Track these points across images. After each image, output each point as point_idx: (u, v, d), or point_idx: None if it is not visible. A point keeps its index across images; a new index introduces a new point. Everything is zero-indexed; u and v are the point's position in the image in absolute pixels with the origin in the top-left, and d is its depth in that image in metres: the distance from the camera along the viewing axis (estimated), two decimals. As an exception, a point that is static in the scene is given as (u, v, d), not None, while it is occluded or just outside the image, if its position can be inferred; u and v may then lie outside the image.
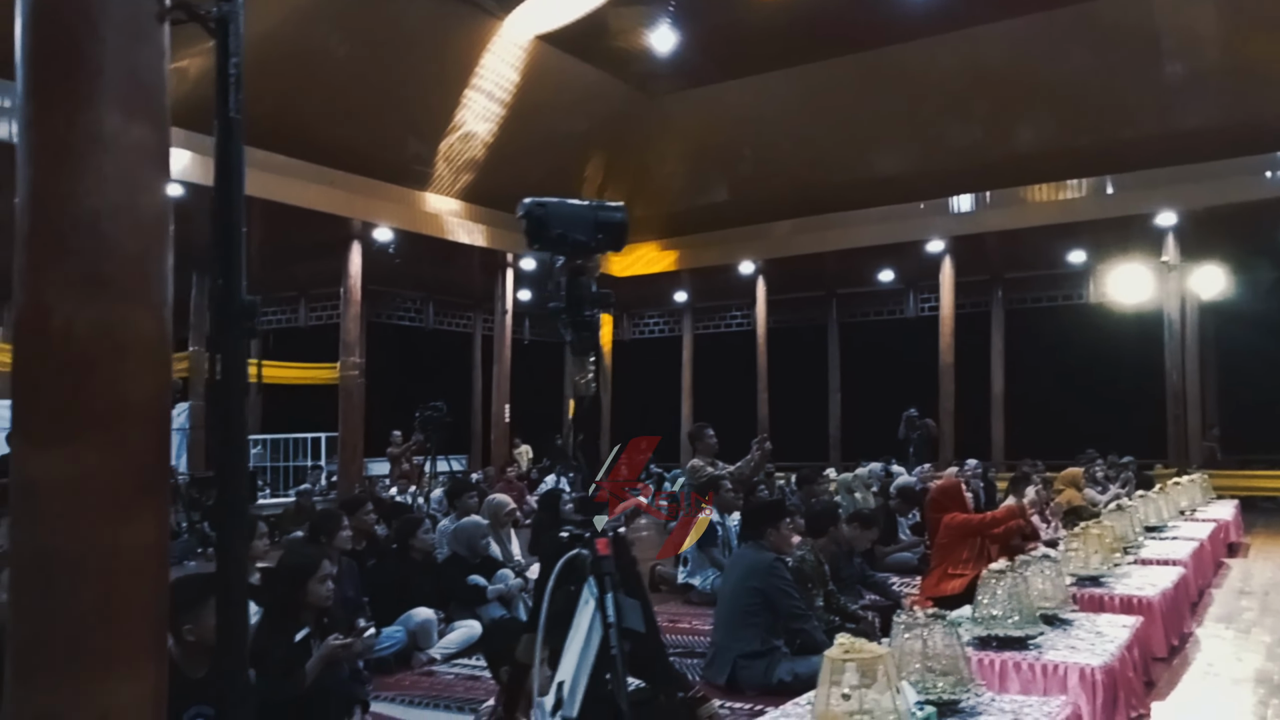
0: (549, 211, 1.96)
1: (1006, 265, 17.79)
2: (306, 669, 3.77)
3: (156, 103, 1.61)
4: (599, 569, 1.83)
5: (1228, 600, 7.07)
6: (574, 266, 2.00)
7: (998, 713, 3.26)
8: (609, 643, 1.79)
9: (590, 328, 1.97)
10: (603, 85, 15.43)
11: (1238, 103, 13.23)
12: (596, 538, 1.88)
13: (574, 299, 1.98)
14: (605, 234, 2.01)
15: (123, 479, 1.50)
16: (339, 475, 14.70)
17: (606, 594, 1.80)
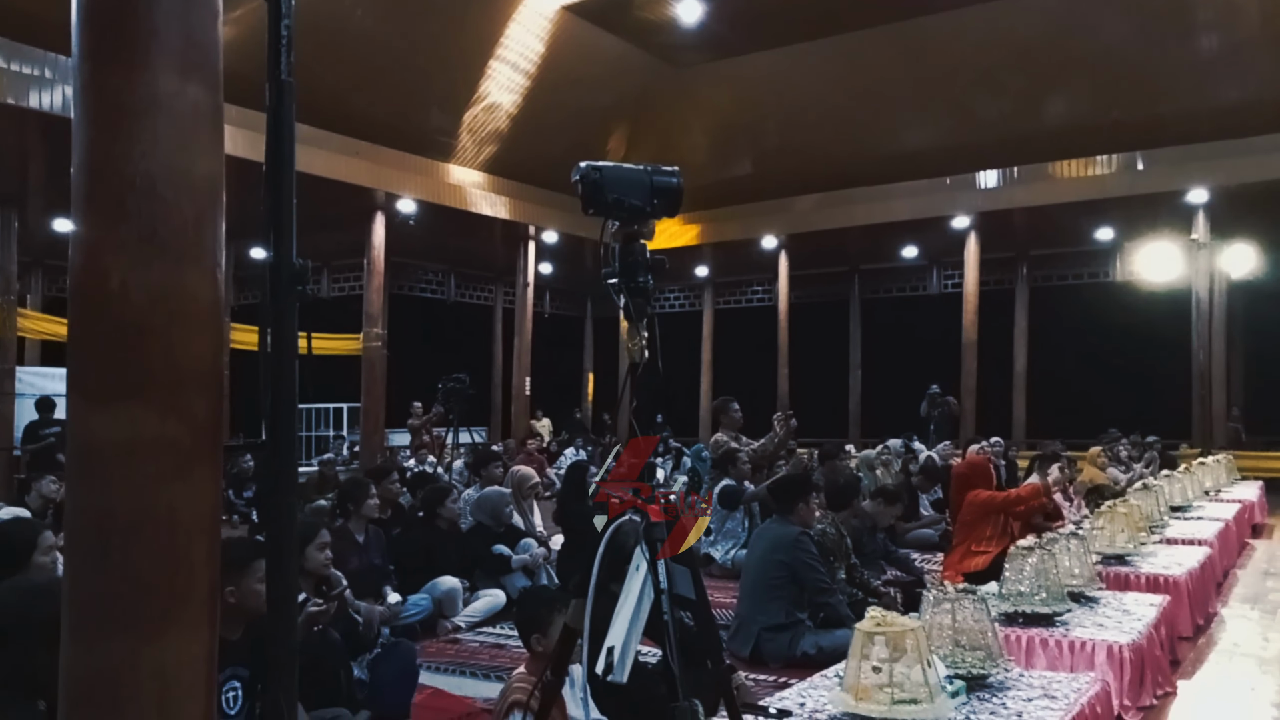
0: (605, 176, 1.95)
1: (1032, 242, 17.60)
2: None
3: (210, 64, 1.61)
4: (651, 535, 1.84)
5: (1253, 581, 7.04)
6: (629, 232, 1.99)
7: (1026, 688, 3.26)
8: (660, 609, 1.80)
9: (644, 294, 1.96)
10: (628, 57, 15.31)
11: (1274, 77, 12.98)
12: (649, 504, 1.88)
13: (628, 265, 1.96)
14: (661, 199, 1.99)
15: (179, 440, 1.51)
16: (361, 445, 14.82)
17: (658, 560, 1.80)
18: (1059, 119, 14.71)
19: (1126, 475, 10.50)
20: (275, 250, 1.65)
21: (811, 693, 3.24)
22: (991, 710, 3.05)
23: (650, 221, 1.96)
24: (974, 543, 6.47)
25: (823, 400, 19.19)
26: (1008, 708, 3.07)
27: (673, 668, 1.82)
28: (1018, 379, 17.48)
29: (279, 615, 1.64)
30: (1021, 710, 3.04)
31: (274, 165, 1.66)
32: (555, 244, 17.35)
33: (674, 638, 1.81)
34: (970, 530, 6.54)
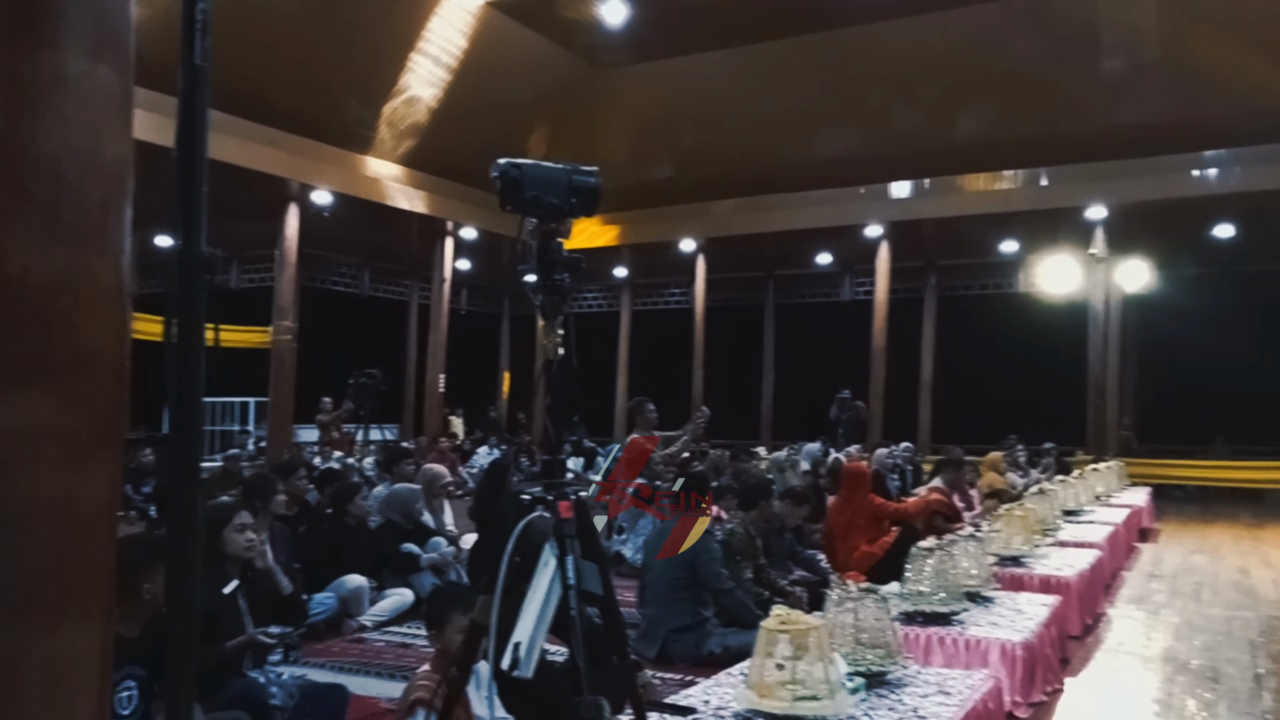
0: (524, 173, 1.96)
1: (941, 252, 18.14)
2: (228, 646, 3.73)
3: (121, 46, 1.57)
4: (560, 531, 1.86)
5: (1139, 583, 7.39)
6: (546, 230, 2.00)
7: (923, 684, 3.37)
8: (568, 605, 1.82)
9: (561, 292, 1.98)
10: (551, 55, 15.27)
11: (1172, 101, 13.63)
12: (559, 500, 1.90)
13: (545, 263, 1.98)
14: (579, 198, 2.01)
15: (79, 430, 1.47)
16: (268, 441, 14.45)
17: (567, 556, 1.82)
18: (969, 133, 15.20)
19: (1024, 480, 10.91)
20: (184, 238, 1.61)
21: (716, 690, 3.29)
22: (890, 706, 3.14)
23: (568, 220, 1.98)
24: (865, 542, 6.67)
25: (736, 403, 19.44)
26: (905, 704, 3.17)
27: (579, 663, 1.84)
28: (924, 385, 17.99)
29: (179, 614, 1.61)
30: (918, 706, 3.14)
31: (185, 151, 1.62)
32: (474, 240, 17.20)
33: (581, 634, 1.83)
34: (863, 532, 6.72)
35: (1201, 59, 12.94)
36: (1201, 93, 13.25)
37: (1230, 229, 15.27)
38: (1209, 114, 13.39)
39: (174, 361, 1.61)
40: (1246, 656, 5.16)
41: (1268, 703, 4.37)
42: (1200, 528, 11.09)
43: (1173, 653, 5.24)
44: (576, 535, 1.87)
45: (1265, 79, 12.68)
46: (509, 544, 1.89)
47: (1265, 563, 8.46)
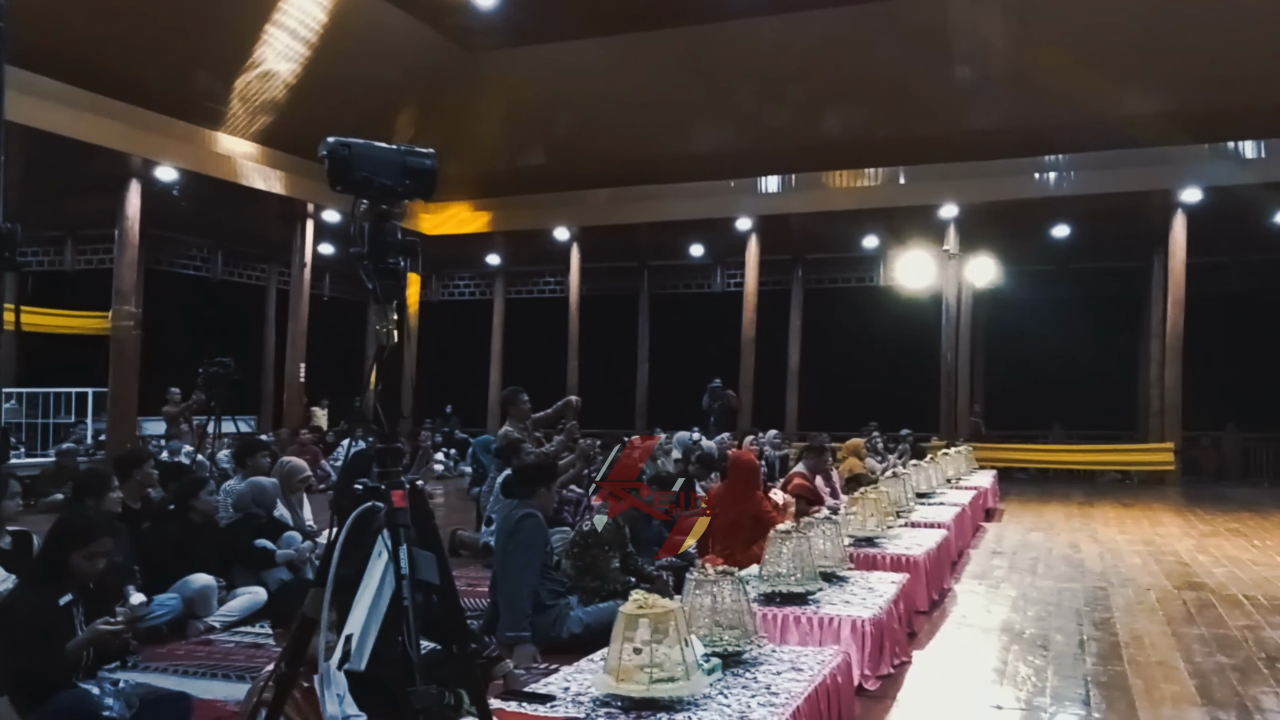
0: (354, 153, 1.88)
1: (807, 246, 18.66)
2: (69, 646, 3.48)
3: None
4: (393, 521, 1.79)
5: (982, 559, 7.79)
6: (379, 212, 1.93)
7: (777, 662, 3.45)
8: (401, 595, 1.76)
9: (394, 276, 1.91)
10: (418, 35, 14.89)
11: (1017, 108, 14.42)
12: (392, 490, 1.83)
13: (378, 246, 1.91)
14: (414, 180, 1.94)
15: None
16: (109, 433, 13.63)
17: (400, 546, 1.76)
18: (834, 132, 15.68)
19: (881, 465, 11.34)
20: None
21: (577, 676, 3.28)
22: (744, 684, 3.20)
23: (402, 202, 1.91)
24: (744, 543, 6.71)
25: (611, 391, 19.51)
26: (759, 681, 3.23)
27: (410, 653, 1.78)
28: (791, 374, 18.49)
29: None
30: (771, 683, 3.21)
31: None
32: (337, 224, 16.64)
33: (413, 624, 1.77)
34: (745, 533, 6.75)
35: (1043, 71, 13.72)
36: (1042, 101, 14.07)
37: (1066, 229, 16.27)
38: (1049, 121, 14.24)
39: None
40: (1073, 624, 5.51)
41: (1089, 666, 4.67)
42: (1039, 507, 11.78)
43: (1009, 623, 5.54)
44: (411, 524, 1.81)
45: (1099, 91, 13.56)
46: (340, 535, 1.82)
47: (1094, 538, 9.06)
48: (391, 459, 1.89)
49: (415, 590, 1.78)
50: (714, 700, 3.02)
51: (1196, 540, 9.03)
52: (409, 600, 1.76)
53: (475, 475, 11.22)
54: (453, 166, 17.74)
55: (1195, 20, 12.73)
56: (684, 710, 2.91)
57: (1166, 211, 15.03)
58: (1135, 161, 14.40)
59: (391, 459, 1.89)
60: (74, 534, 3.69)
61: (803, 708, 3.07)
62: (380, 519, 1.83)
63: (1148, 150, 14.11)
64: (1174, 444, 14.94)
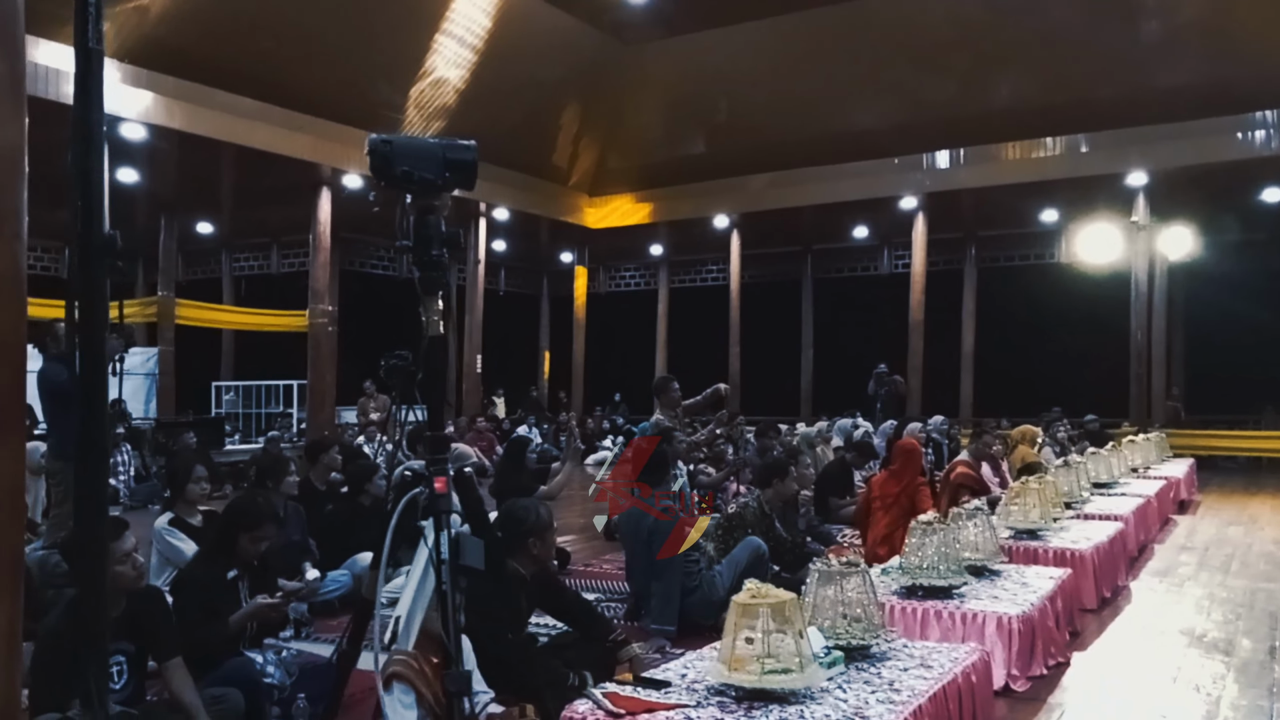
0: (395, 148, 1.95)
1: (979, 223, 17.80)
2: (231, 620, 3.81)
3: (10, 33, 1.60)
4: (435, 507, 1.86)
5: (1168, 555, 7.22)
6: (422, 205, 2.00)
7: (906, 658, 3.34)
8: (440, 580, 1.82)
9: (438, 267, 1.97)
10: (577, 32, 15.21)
11: (1212, 62, 13.17)
12: (436, 477, 1.90)
13: (422, 238, 1.98)
14: (454, 172, 2.00)
15: (-25, 416, 1.51)
16: (308, 422, 14.72)
17: (441, 532, 1.82)
18: (1004, 101, 14.84)
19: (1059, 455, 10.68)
20: (83, 220, 1.64)
21: (697, 663, 3.29)
22: (865, 679, 3.11)
23: (444, 194, 1.97)
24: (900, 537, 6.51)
25: (774, 379, 19.34)
26: (882, 676, 3.14)
27: (447, 638, 1.84)
28: (965, 358, 17.72)
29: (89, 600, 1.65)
30: (895, 679, 3.11)
31: (81, 134, 1.65)
32: (507, 221, 17.27)
33: (452, 607, 1.83)
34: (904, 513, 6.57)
35: (1240, 20, 12.48)
36: (1243, 54, 12.81)
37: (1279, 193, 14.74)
38: (1251, 75, 12.93)
39: (76, 342, 1.64)
40: (1265, 628, 5.02)
41: (1278, 675, 4.25)
42: (1243, 499, 10.79)
43: (1189, 626, 5.11)
44: (456, 511, 1.87)
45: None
46: (392, 521, 1.91)
47: (1305, 534, 8.23)
48: (438, 446, 1.95)
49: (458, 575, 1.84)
50: (830, 694, 2.95)
51: None
52: (448, 585, 1.82)
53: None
54: (614, 160, 18.05)
55: None
56: (797, 703, 2.87)
57: (1400, 168, 13.38)
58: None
59: (438, 446, 1.95)
60: (242, 517, 4.02)
61: (926, 706, 2.96)
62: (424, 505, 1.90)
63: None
64: None
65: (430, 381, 1.98)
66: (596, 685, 3.27)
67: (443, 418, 2.01)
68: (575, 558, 7.03)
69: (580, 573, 6.65)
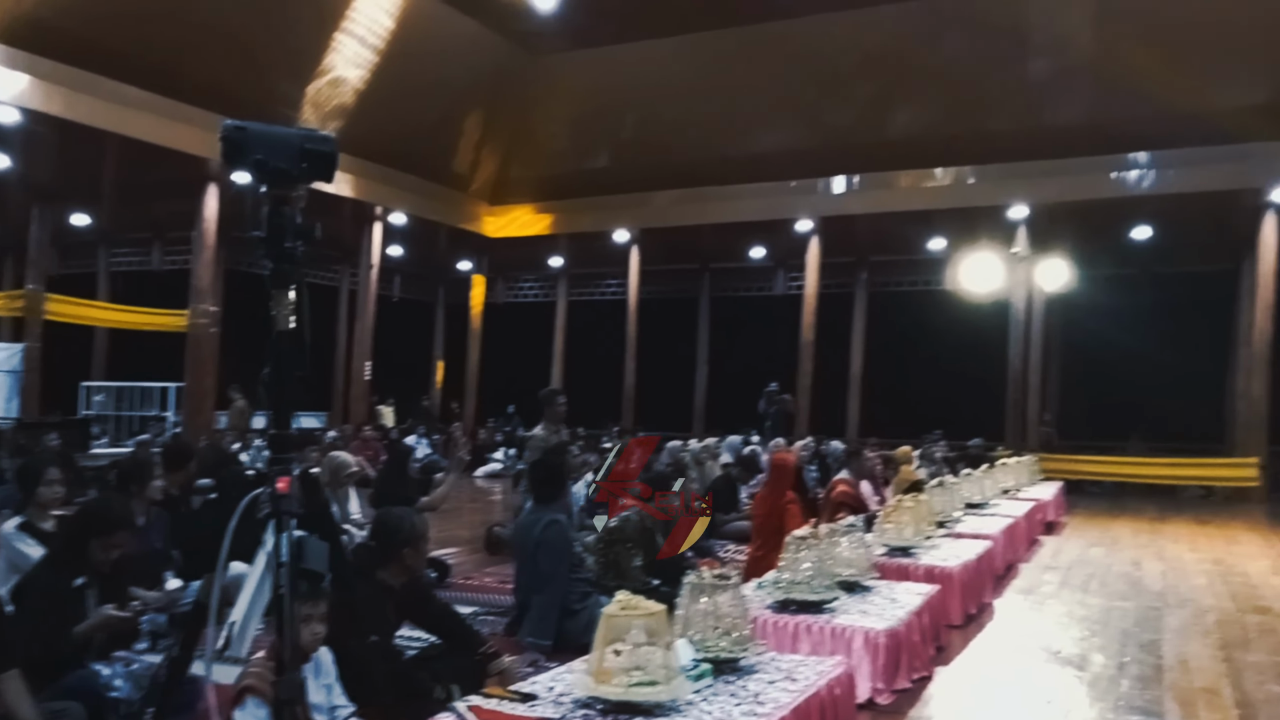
0: (249, 135, 1.88)
1: (871, 248, 18.32)
2: (76, 631, 3.60)
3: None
4: (278, 508, 1.79)
5: (1033, 574, 7.51)
6: (277, 196, 1.92)
7: (773, 671, 3.37)
8: (279, 583, 1.75)
9: (291, 260, 1.90)
10: (484, 40, 15.10)
11: (1094, 103, 13.90)
12: (280, 476, 1.83)
13: (275, 229, 1.90)
14: (311, 163, 1.93)
15: None
16: (185, 427, 14.12)
17: (281, 534, 1.75)
18: (900, 130, 15.35)
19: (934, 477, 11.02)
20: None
21: (566, 676, 3.26)
22: (731, 692, 3.13)
23: (300, 186, 1.91)
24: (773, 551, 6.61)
25: (669, 394, 19.46)
26: (748, 689, 3.16)
27: (282, 644, 1.77)
28: (853, 380, 18.18)
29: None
30: (761, 692, 3.14)
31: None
32: (405, 226, 16.97)
33: (289, 612, 1.76)
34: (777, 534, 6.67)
35: (1123, 64, 13.20)
36: (1122, 96, 13.53)
37: (1148, 230, 15.62)
38: (1128, 117, 13.68)
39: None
40: (1116, 645, 5.27)
41: (1126, 689, 4.45)
42: (1106, 521, 11.32)
43: (1047, 641, 5.32)
44: (297, 512, 1.80)
45: (1183, 84, 12.99)
46: (231, 523, 1.83)
47: (1159, 556, 8.67)
48: (282, 445, 1.88)
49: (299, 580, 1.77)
50: (696, 706, 2.96)
51: (1272, 561, 8.56)
52: (286, 589, 1.75)
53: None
54: (516, 169, 17.96)
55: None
56: (663, 715, 2.87)
57: (1256, 212, 14.27)
58: (1222, 158, 13.70)
59: (282, 445, 1.88)
60: (94, 522, 3.81)
61: (788, 718, 2.99)
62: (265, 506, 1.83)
63: (1236, 147, 13.43)
64: (1259, 459, 14.22)
65: (277, 379, 1.90)
66: (463, 697, 3.21)
67: (288, 417, 1.93)
68: (456, 570, 6.90)
69: (461, 585, 6.53)
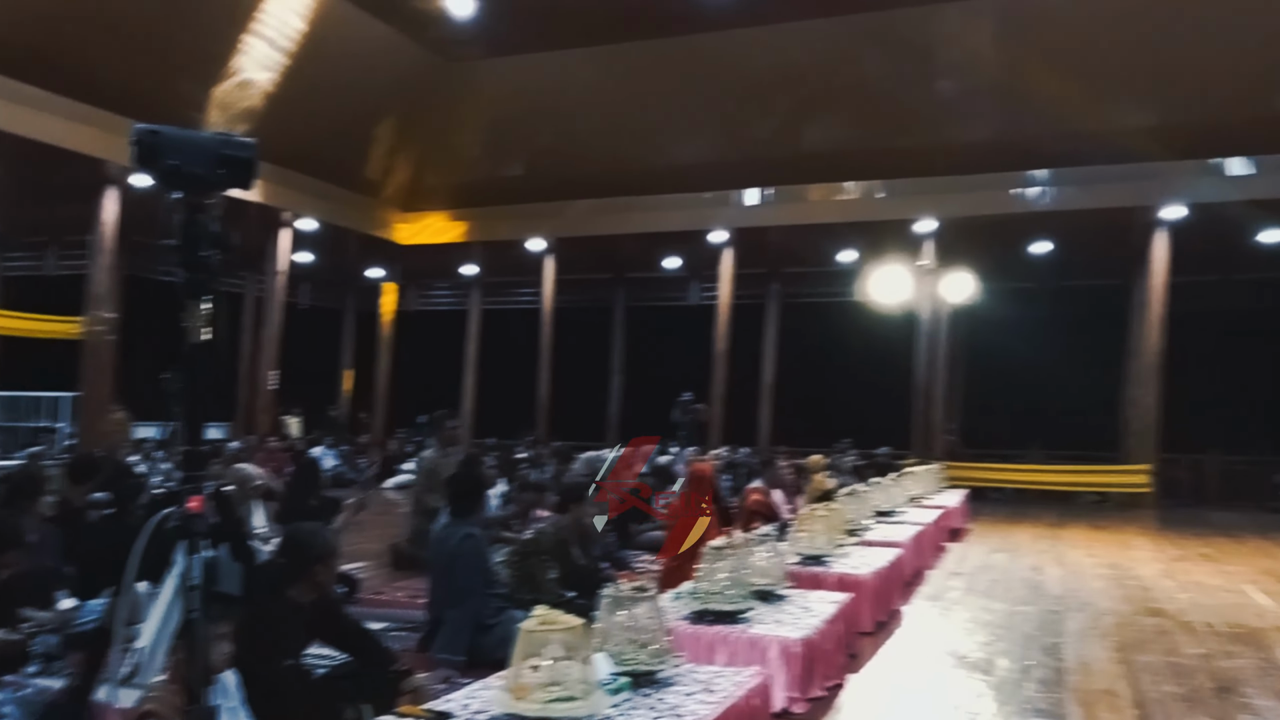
0: (162, 139, 1.81)
1: (784, 260, 18.63)
2: None
3: None
4: (189, 528, 1.72)
5: (940, 580, 7.71)
6: (192, 203, 1.85)
7: (691, 682, 3.38)
8: (190, 607, 1.69)
9: (207, 269, 1.83)
10: (398, 45, 14.88)
11: (999, 122, 14.43)
12: (191, 495, 1.76)
13: (190, 237, 1.83)
14: (229, 169, 1.87)
15: None
16: (81, 438, 13.51)
17: (192, 555, 1.69)
18: (813, 145, 15.67)
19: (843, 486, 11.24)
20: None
21: (482, 693, 3.21)
22: (650, 705, 3.12)
23: (216, 192, 1.84)
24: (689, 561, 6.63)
25: (584, 404, 19.43)
26: (666, 701, 3.16)
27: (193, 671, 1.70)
28: (765, 389, 18.43)
29: None
30: (679, 704, 3.14)
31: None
32: (314, 232, 16.58)
33: (202, 639, 1.69)
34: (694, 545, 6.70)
35: (1027, 85, 13.71)
36: (1025, 116, 14.08)
37: (1048, 246, 16.26)
38: (1032, 136, 14.24)
39: None
40: (1020, 649, 5.44)
41: (1030, 692, 4.59)
42: (1008, 528, 11.71)
43: (954, 647, 5.46)
44: (212, 533, 1.74)
45: (1083, 106, 13.58)
46: (139, 544, 1.75)
47: (1059, 561, 8.99)
48: (194, 463, 1.81)
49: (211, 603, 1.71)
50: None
51: (1164, 565, 8.95)
52: (197, 613, 1.69)
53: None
54: (430, 176, 17.74)
55: (1182, 35, 12.73)
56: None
57: (1148, 229, 14.99)
58: (1117, 177, 14.38)
59: (194, 463, 1.81)
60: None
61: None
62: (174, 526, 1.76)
63: (1130, 166, 14.10)
64: (1150, 466, 14.89)
65: (190, 393, 1.82)
66: (376, 717, 3.12)
67: (200, 432, 1.85)
68: (366, 585, 6.74)
69: (371, 600, 6.38)
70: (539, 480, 8.22)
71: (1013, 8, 13.50)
